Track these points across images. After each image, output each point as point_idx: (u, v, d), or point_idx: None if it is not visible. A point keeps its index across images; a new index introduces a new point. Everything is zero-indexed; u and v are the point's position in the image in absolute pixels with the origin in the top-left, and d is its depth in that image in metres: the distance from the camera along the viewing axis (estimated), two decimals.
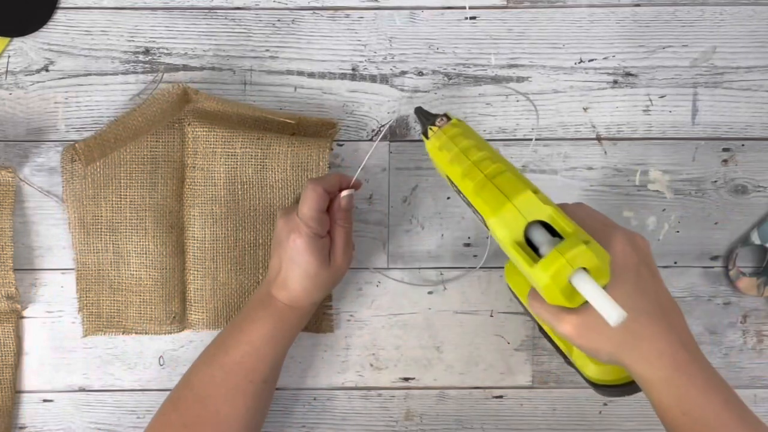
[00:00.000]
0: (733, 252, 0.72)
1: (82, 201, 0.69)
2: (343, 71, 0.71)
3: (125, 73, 0.70)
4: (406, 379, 0.73)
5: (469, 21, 0.71)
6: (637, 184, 0.72)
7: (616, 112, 0.71)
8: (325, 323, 0.71)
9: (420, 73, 0.71)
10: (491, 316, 0.72)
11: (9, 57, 0.70)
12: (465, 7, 0.71)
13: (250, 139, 0.68)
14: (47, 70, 0.70)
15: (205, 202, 0.69)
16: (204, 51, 0.70)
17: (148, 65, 0.70)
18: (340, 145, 0.71)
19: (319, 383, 0.73)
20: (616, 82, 0.71)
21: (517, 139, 0.72)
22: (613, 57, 0.71)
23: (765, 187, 0.72)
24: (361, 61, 0.71)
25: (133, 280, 0.70)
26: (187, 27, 0.70)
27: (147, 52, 0.70)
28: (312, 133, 0.70)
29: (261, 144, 0.68)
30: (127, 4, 0.70)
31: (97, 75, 0.70)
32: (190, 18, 0.70)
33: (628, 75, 0.71)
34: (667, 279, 0.72)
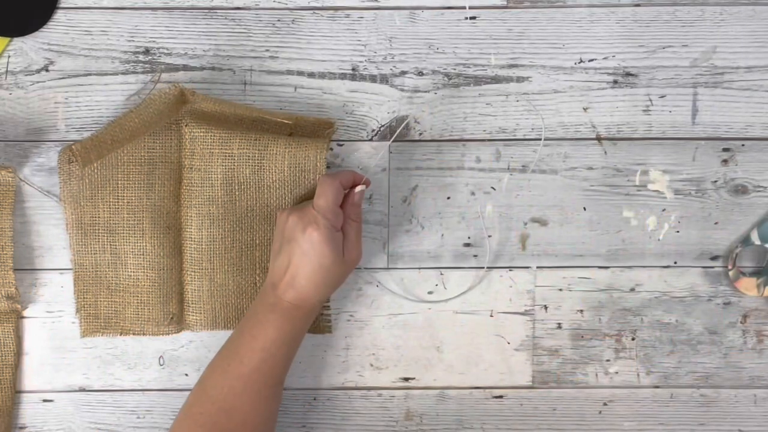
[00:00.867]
0: (733, 252, 0.72)
1: (80, 202, 0.69)
2: (343, 71, 0.71)
3: (125, 73, 0.70)
4: (406, 379, 0.73)
5: (469, 21, 0.71)
6: (637, 184, 0.72)
7: (616, 112, 0.71)
8: (324, 325, 0.71)
9: (420, 73, 0.71)
10: (491, 316, 0.72)
11: (9, 57, 0.70)
12: (465, 7, 0.71)
13: (248, 139, 0.68)
14: (47, 70, 0.70)
15: (202, 203, 0.69)
16: (204, 51, 0.70)
17: (148, 65, 0.70)
18: (340, 145, 0.71)
19: (319, 383, 0.73)
20: (616, 82, 0.71)
21: (517, 139, 0.71)
22: (613, 57, 0.71)
23: (765, 187, 0.72)
24: (361, 61, 0.71)
25: (131, 281, 0.70)
26: (187, 27, 0.70)
27: (147, 52, 0.70)
28: (309, 134, 0.70)
29: (258, 145, 0.68)
30: (127, 4, 0.70)
31: (97, 75, 0.70)
32: (190, 18, 0.70)
33: (628, 75, 0.71)
34: (667, 279, 0.72)
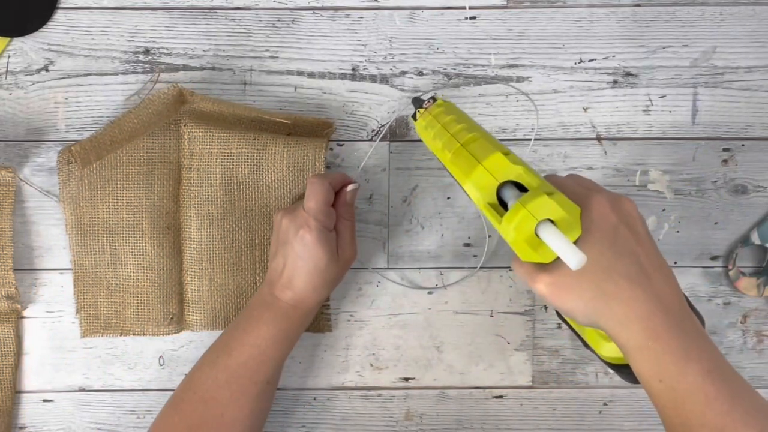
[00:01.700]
0: (733, 252, 0.72)
1: (79, 203, 0.69)
2: (343, 71, 0.71)
3: (125, 73, 0.70)
4: (406, 379, 0.73)
5: (469, 21, 0.71)
6: (637, 184, 0.72)
7: (616, 112, 0.71)
8: (324, 323, 0.71)
9: (420, 73, 0.71)
10: (491, 316, 0.72)
11: (9, 57, 0.70)
12: (465, 7, 0.71)
13: (246, 139, 0.68)
14: (47, 70, 0.70)
15: (201, 203, 0.69)
16: (204, 51, 0.70)
17: (148, 65, 0.70)
18: (340, 145, 0.71)
19: (319, 383, 0.73)
20: (616, 82, 0.71)
21: (517, 139, 0.72)
22: (613, 57, 0.71)
23: (765, 187, 0.72)
24: (361, 61, 0.71)
25: (131, 281, 0.70)
26: (187, 27, 0.70)
27: (147, 52, 0.70)
28: (308, 133, 0.70)
29: (257, 144, 0.68)
30: (127, 4, 0.70)
31: (97, 75, 0.70)
32: (190, 18, 0.70)
33: (628, 75, 0.71)
34: None
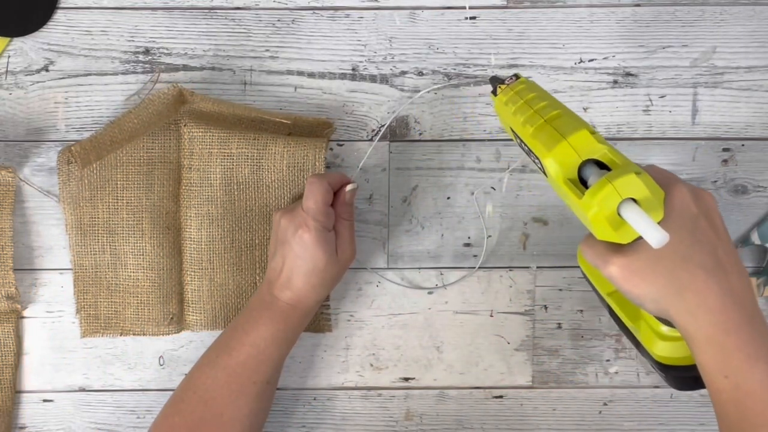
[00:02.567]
0: None
1: (79, 203, 0.69)
2: (343, 71, 0.71)
3: (125, 73, 0.70)
4: (406, 379, 0.73)
5: (469, 21, 0.71)
6: None
7: (616, 112, 0.71)
8: (324, 323, 0.71)
9: (420, 73, 0.71)
10: (491, 316, 0.72)
11: (9, 57, 0.70)
12: (465, 7, 0.71)
13: (246, 139, 0.68)
14: (47, 70, 0.70)
15: (201, 203, 0.69)
16: (204, 51, 0.70)
17: (148, 65, 0.70)
18: (340, 145, 0.71)
19: (319, 383, 0.73)
20: (616, 82, 0.71)
21: None
22: (613, 57, 0.71)
23: (765, 187, 0.72)
24: (361, 61, 0.71)
25: (131, 281, 0.70)
26: (187, 27, 0.70)
27: (147, 52, 0.70)
28: (308, 133, 0.70)
29: (257, 144, 0.68)
30: (127, 4, 0.70)
31: (97, 75, 0.70)
32: (190, 18, 0.70)
33: (628, 75, 0.71)
34: None
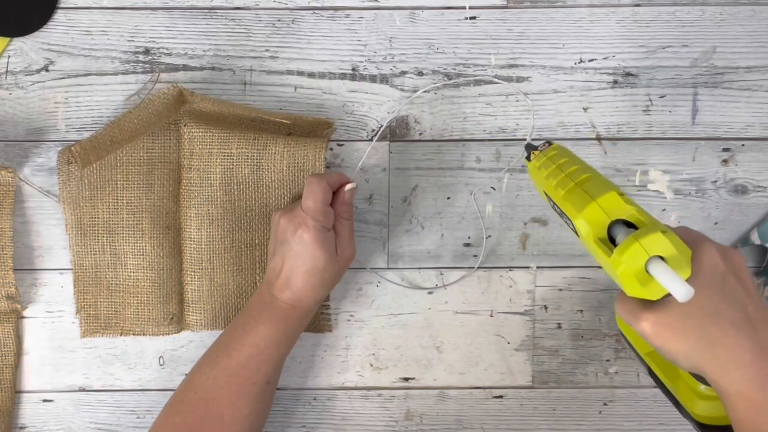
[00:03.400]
0: None
1: (79, 203, 0.69)
2: (343, 71, 0.71)
3: (125, 73, 0.70)
4: (406, 379, 0.73)
5: (469, 21, 0.71)
6: (637, 184, 0.72)
7: (616, 112, 0.71)
8: (324, 323, 0.71)
9: (420, 73, 0.71)
10: (491, 316, 0.72)
11: (9, 57, 0.70)
12: (465, 7, 0.71)
13: (246, 139, 0.68)
14: (47, 70, 0.70)
15: (201, 203, 0.69)
16: (204, 51, 0.70)
17: (148, 65, 0.70)
18: (340, 145, 0.71)
19: (319, 383, 0.73)
20: (616, 82, 0.71)
21: (517, 139, 0.72)
22: (613, 57, 0.71)
23: (765, 187, 0.72)
24: (361, 61, 0.71)
25: (131, 281, 0.70)
26: (187, 27, 0.70)
27: (147, 52, 0.70)
28: (308, 133, 0.70)
29: (257, 144, 0.68)
30: (127, 4, 0.70)
31: (97, 75, 0.70)
32: (190, 18, 0.70)
33: (628, 75, 0.71)
34: None
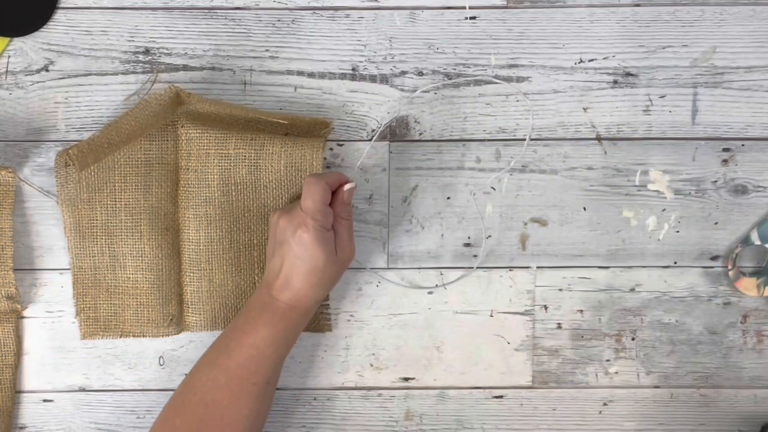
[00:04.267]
0: (733, 252, 0.72)
1: (77, 205, 0.69)
2: (343, 71, 0.71)
3: (125, 73, 0.70)
4: (406, 379, 0.73)
5: (469, 21, 0.71)
6: (637, 184, 0.72)
7: (616, 112, 0.71)
8: (323, 323, 0.71)
9: (420, 73, 0.71)
10: (491, 316, 0.72)
11: (9, 57, 0.70)
12: (465, 7, 0.71)
13: (244, 139, 0.68)
14: (47, 70, 0.70)
15: (199, 204, 0.69)
16: (204, 51, 0.70)
17: (148, 65, 0.70)
18: (340, 145, 0.71)
19: (319, 383, 0.73)
20: (616, 82, 0.71)
21: (517, 139, 0.71)
22: (613, 57, 0.71)
23: (765, 187, 0.72)
24: (361, 61, 0.71)
25: (130, 283, 0.70)
26: (187, 27, 0.70)
27: (147, 52, 0.70)
28: (305, 133, 0.70)
29: (254, 144, 0.68)
30: (127, 4, 0.70)
31: (97, 75, 0.70)
32: (190, 18, 0.70)
33: (628, 75, 0.71)
34: (667, 279, 0.72)
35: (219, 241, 0.70)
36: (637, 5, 0.71)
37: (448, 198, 0.72)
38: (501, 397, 0.73)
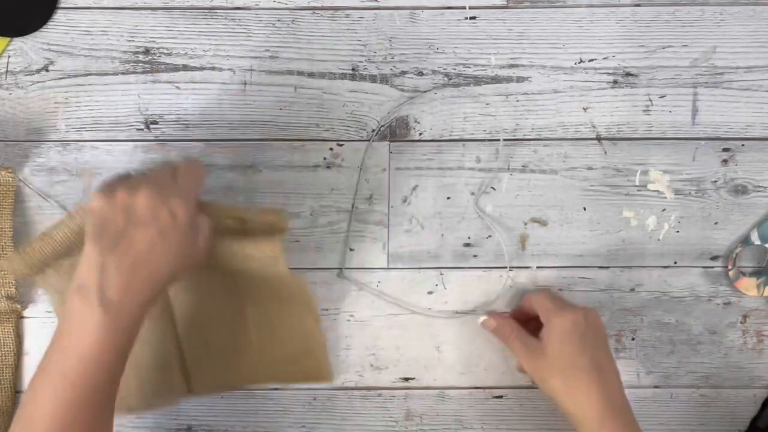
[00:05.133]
0: (733, 252, 0.72)
1: (64, 291, 0.63)
2: (343, 71, 0.71)
3: (125, 73, 0.70)
4: (406, 379, 0.73)
5: (469, 21, 0.71)
6: (637, 184, 0.72)
7: (616, 112, 0.71)
8: (325, 370, 0.71)
9: (420, 73, 0.71)
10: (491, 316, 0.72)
11: (9, 57, 0.70)
12: (465, 7, 0.71)
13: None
14: (47, 70, 0.70)
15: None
16: (204, 51, 0.70)
17: (148, 65, 0.70)
18: (340, 145, 0.71)
19: (319, 383, 0.73)
20: (616, 82, 0.71)
21: (517, 139, 0.72)
22: (613, 57, 0.71)
23: (765, 187, 0.72)
24: (361, 61, 0.71)
25: (131, 360, 0.60)
26: (187, 27, 0.70)
27: (147, 52, 0.70)
28: (261, 231, 0.66)
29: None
30: (127, 4, 0.70)
31: (97, 75, 0.70)
32: (190, 18, 0.70)
33: (628, 75, 0.71)
34: (667, 279, 0.72)
35: (212, 305, 0.68)
36: (637, 5, 0.71)
37: (448, 198, 0.72)
38: (501, 397, 0.73)
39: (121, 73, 0.70)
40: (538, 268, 0.72)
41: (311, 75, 0.71)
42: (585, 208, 0.72)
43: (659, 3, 0.71)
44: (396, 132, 0.71)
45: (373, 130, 0.71)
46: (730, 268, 0.72)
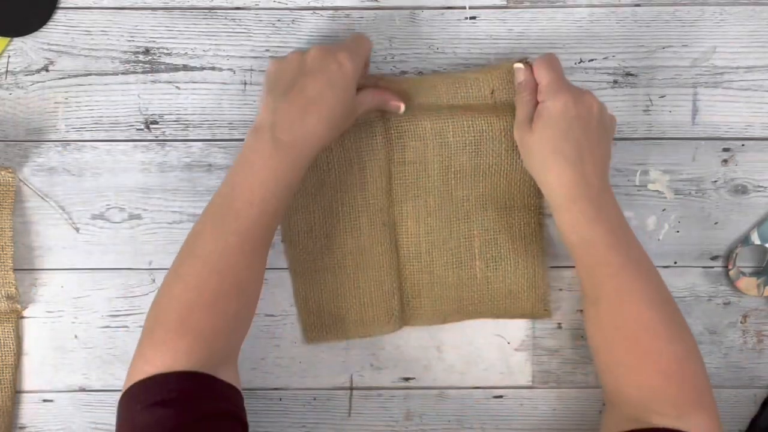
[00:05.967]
0: (733, 252, 0.72)
1: (294, 212, 0.68)
2: None
3: (125, 73, 0.70)
4: (406, 379, 0.73)
5: (469, 21, 0.71)
6: (637, 184, 0.72)
7: (616, 112, 0.71)
8: (540, 308, 0.71)
9: (420, 73, 0.71)
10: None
11: (9, 57, 0.70)
12: (465, 7, 0.71)
13: (462, 126, 0.67)
14: (47, 70, 0.70)
15: (418, 196, 0.69)
16: (204, 51, 0.70)
17: (148, 65, 0.70)
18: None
19: (320, 383, 0.73)
20: (616, 82, 0.71)
21: None
22: (613, 57, 0.71)
23: (765, 187, 0.72)
24: None
25: (351, 282, 0.69)
26: (187, 27, 0.70)
27: (147, 52, 0.70)
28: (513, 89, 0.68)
29: (473, 130, 0.67)
30: (127, 4, 0.70)
31: (97, 75, 0.70)
32: (190, 18, 0.70)
33: (628, 75, 0.71)
34: (667, 279, 0.71)
35: (439, 231, 0.69)
36: (637, 5, 0.71)
37: None
38: (501, 397, 0.73)
39: (121, 73, 0.70)
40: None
41: None
42: None
43: (659, 3, 0.71)
44: None
45: None
46: (730, 268, 0.72)
